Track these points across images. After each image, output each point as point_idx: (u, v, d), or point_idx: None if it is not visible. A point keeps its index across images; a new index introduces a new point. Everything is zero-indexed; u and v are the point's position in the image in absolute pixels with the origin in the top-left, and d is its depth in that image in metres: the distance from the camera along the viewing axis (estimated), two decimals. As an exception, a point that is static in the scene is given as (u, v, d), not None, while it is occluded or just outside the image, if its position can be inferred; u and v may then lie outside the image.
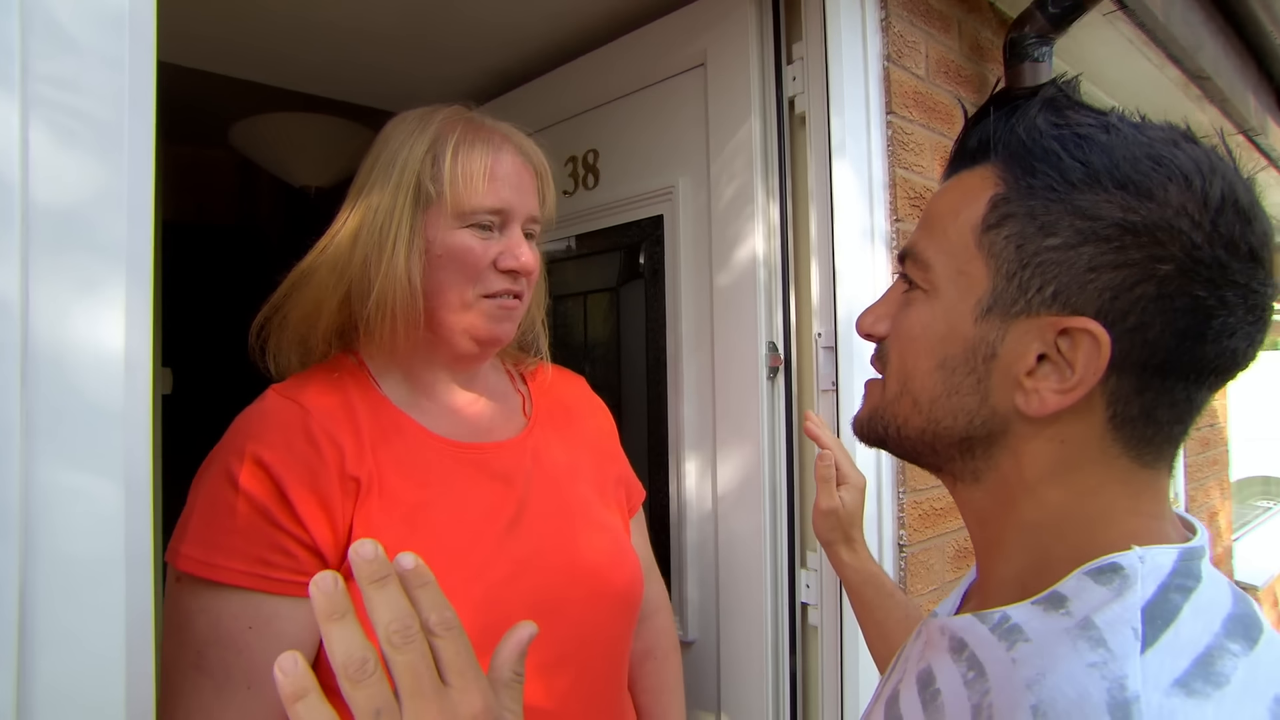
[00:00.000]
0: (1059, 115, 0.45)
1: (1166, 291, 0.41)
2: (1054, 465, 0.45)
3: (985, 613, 0.46)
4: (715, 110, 1.25)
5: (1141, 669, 0.36)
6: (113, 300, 0.50)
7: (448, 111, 0.82)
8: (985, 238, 0.45)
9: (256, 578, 0.69)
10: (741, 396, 1.20)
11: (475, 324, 0.80)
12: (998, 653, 0.43)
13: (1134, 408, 0.43)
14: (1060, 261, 0.43)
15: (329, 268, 0.80)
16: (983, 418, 0.46)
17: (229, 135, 1.93)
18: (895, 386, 0.50)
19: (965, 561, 1.28)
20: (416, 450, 0.79)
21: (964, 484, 0.50)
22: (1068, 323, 0.42)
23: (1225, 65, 1.80)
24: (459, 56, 1.55)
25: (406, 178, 0.78)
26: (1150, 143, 0.42)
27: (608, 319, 1.48)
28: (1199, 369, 0.43)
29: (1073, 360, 0.43)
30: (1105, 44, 1.54)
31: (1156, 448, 0.45)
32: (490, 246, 0.79)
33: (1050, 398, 0.43)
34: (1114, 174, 0.42)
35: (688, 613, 1.27)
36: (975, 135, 0.49)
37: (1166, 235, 0.41)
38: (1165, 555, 0.42)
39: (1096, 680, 0.36)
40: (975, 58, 1.35)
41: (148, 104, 0.53)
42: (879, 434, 0.52)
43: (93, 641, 0.48)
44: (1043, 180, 0.44)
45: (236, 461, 0.71)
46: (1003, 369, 0.45)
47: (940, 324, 0.48)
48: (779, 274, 1.20)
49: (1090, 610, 0.40)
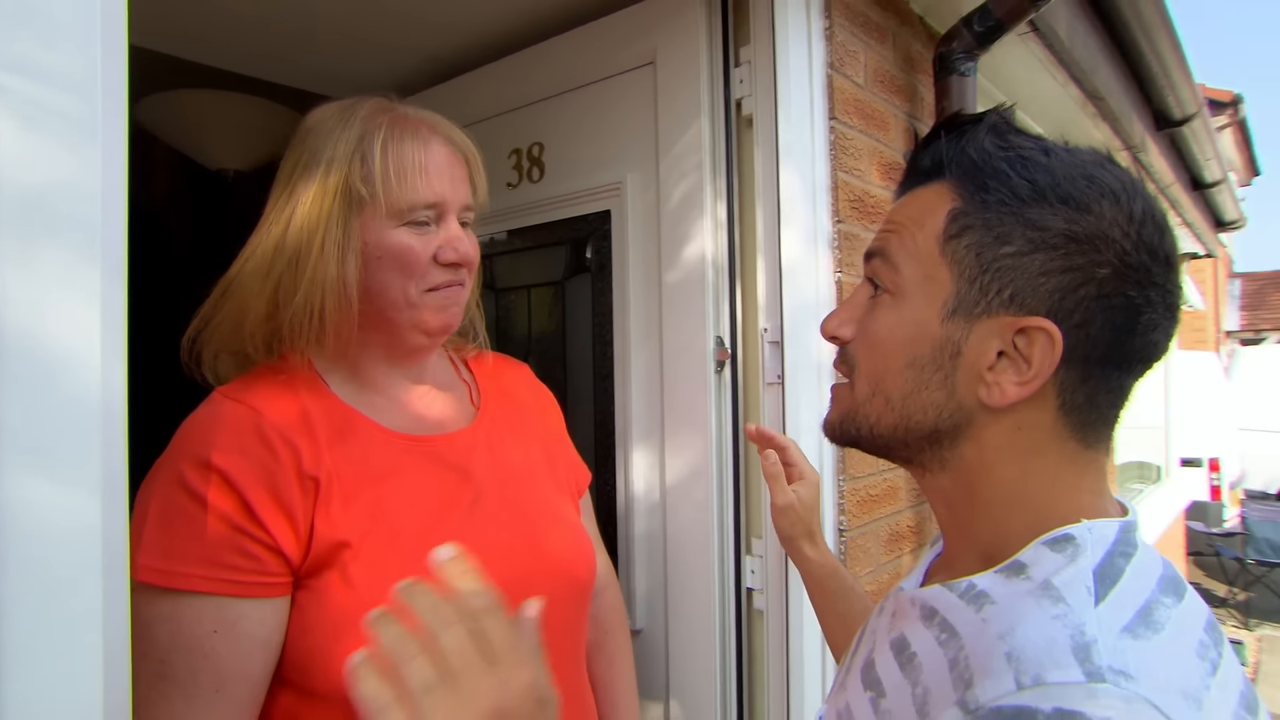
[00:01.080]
0: (1003, 139, 0.51)
1: (1105, 292, 0.47)
2: (1013, 450, 0.51)
3: (953, 582, 0.51)
4: (665, 109, 1.27)
5: (1096, 618, 0.42)
6: (88, 293, 0.47)
7: (370, 105, 0.81)
8: (948, 246, 0.51)
9: (219, 581, 0.68)
10: (690, 389, 1.23)
11: (423, 318, 0.80)
12: (968, 615, 0.48)
13: (1079, 395, 0.49)
14: (1015, 267, 0.48)
15: (255, 274, 0.77)
16: (950, 411, 0.51)
17: (136, 110, 1.80)
18: (866, 388, 0.55)
19: (898, 545, 1.36)
20: (371, 446, 0.79)
21: (931, 473, 0.55)
22: (1025, 322, 0.48)
23: (1116, 87, 1.97)
24: (395, 41, 1.50)
25: (334, 180, 0.76)
26: (1082, 164, 0.49)
27: (553, 312, 1.48)
28: (1130, 359, 0.49)
29: (1029, 355, 0.48)
30: (1018, 61, 1.66)
31: (1097, 431, 0.51)
32: (429, 241, 0.79)
33: (1011, 389, 0.49)
34: (1056, 190, 0.48)
35: (636, 602, 1.29)
36: (928, 155, 0.54)
37: (1103, 243, 0.47)
38: (1110, 527, 0.48)
39: (1060, 628, 0.42)
40: (907, 69, 1.43)
41: (120, 86, 0.50)
42: (852, 435, 0.57)
43: (69, 652, 0.46)
44: (995, 196, 0.49)
45: (190, 468, 0.70)
46: (967, 365, 0.50)
47: (909, 326, 0.52)
48: (726, 271, 1.23)
49: (1048, 574, 0.46)
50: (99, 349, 0.47)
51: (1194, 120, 2.58)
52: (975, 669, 0.43)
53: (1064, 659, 0.40)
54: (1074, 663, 0.40)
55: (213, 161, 1.88)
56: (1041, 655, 0.41)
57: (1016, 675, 0.40)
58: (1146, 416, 4.32)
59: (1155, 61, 2.16)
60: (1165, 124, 2.54)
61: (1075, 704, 0.38)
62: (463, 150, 0.84)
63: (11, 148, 0.44)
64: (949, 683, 0.45)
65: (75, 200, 0.47)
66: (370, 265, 0.78)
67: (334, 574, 0.71)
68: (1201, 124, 2.67)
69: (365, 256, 0.77)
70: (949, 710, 0.43)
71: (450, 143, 0.82)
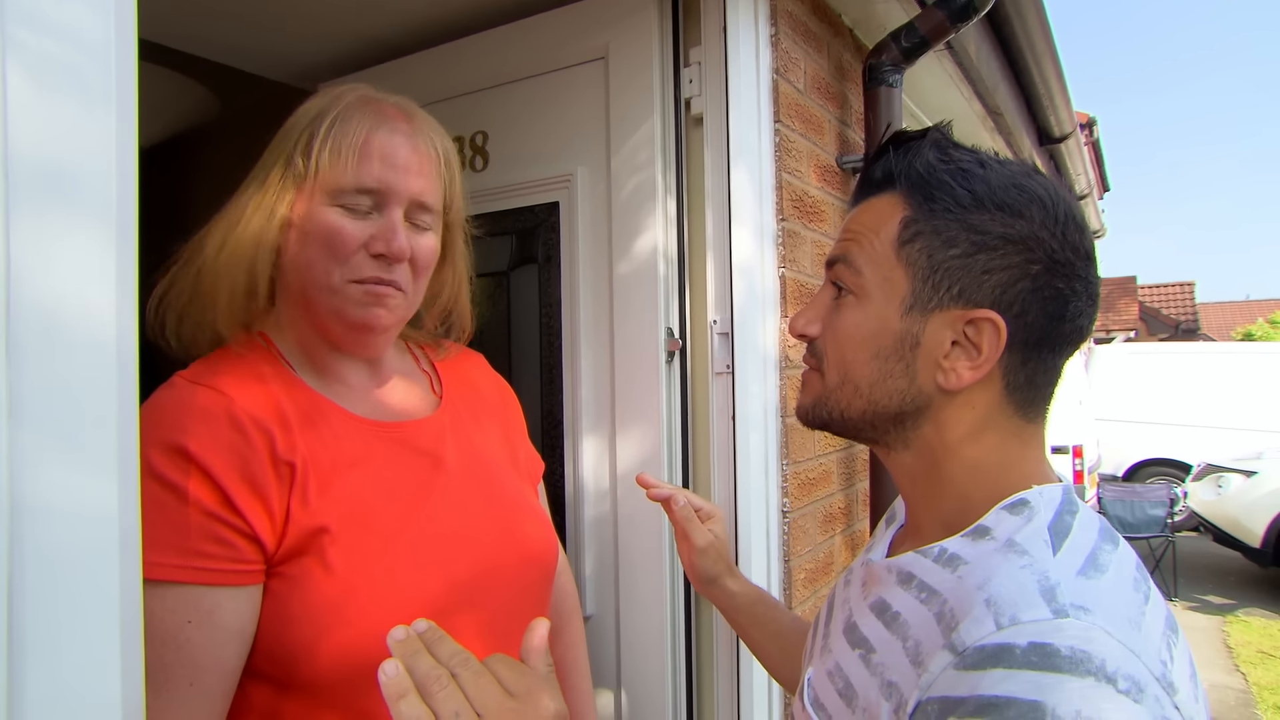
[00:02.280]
0: (944, 154, 0.57)
1: (1038, 285, 0.55)
2: (967, 427, 0.58)
3: (924, 549, 0.57)
4: (617, 105, 1.30)
5: (1056, 565, 0.50)
6: (102, 267, 0.45)
7: (351, 89, 0.80)
8: (902, 251, 0.57)
9: (193, 570, 0.66)
10: (641, 379, 1.27)
11: (342, 308, 0.76)
12: (944, 575, 0.54)
13: (1021, 376, 0.57)
14: (962, 267, 0.55)
15: (208, 237, 0.77)
16: (912, 395, 0.58)
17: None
18: (835, 377, 0.61)
19: (831, 525, 1.45)
20: (342, 432, 0.78)
21: (896, 451, 0.62)
22: (973, 314, 0.55)
23: (1012, 105, 2.17)
24: (330, 18, 1.45)
25: (283, 153, 0.76)
26: (1013, 175, 0.56)
27: (497, 303, 1.47)
28: (1061, 342, 0.57)
29: (978, 343, 0.56)
30: (931, 76, 1.80)
31: (1037, 407, 0.59)
32: (363, 228, 0.75)
33: (965, 373, 0.56)
34: (993, 199, 0.55)
35: (586, 588, 1.32)
36: (879, 168, 0.61)
37: (1035, 244, 0.55)
38: (1055, 491, 0.57)
39: (1028, 576, 0.49)
40: (839, 77, 1.52)
41: (131, 47, 0.48)
42: (823, 418, 0.63)
43: (87, 642, 0.44)
44: (941, 204, 0.56)
45: (159, 455, 0.67)
46: (925, 354, 0.57)
47: (873, 322, 0.59)
48: (676, 264, 1.28)
49: (1010, 533, 0.53)
50: (114, 324, 0.45)
51: (1070, 139, 2.86)
52: (959, 616, 0.49)
53: (1034, 600, 0.47)
54: (1043, 603, 0.46)
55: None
56: (1015, 598, 0.47)
57: (995, 617, 0.47)
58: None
59: (1042, 84, 2.39)
60: (1047, 140, 2.80)
61: (1046, 636, 0.44)
62: (433, 146, 0.81)
63: (21, 110, 0.42)
64: (937, 632, 0.51)
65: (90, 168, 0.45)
66: (300, 240, 0.76)
67: (312, 561, 0.70)
68: (1075, 142, 2.96)
69: (296, 230, 0.76)
70: (939, 653, 0.49)
71: (418, 135, 0.79)
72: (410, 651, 0.49)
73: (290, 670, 0.70)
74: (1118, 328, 12.19)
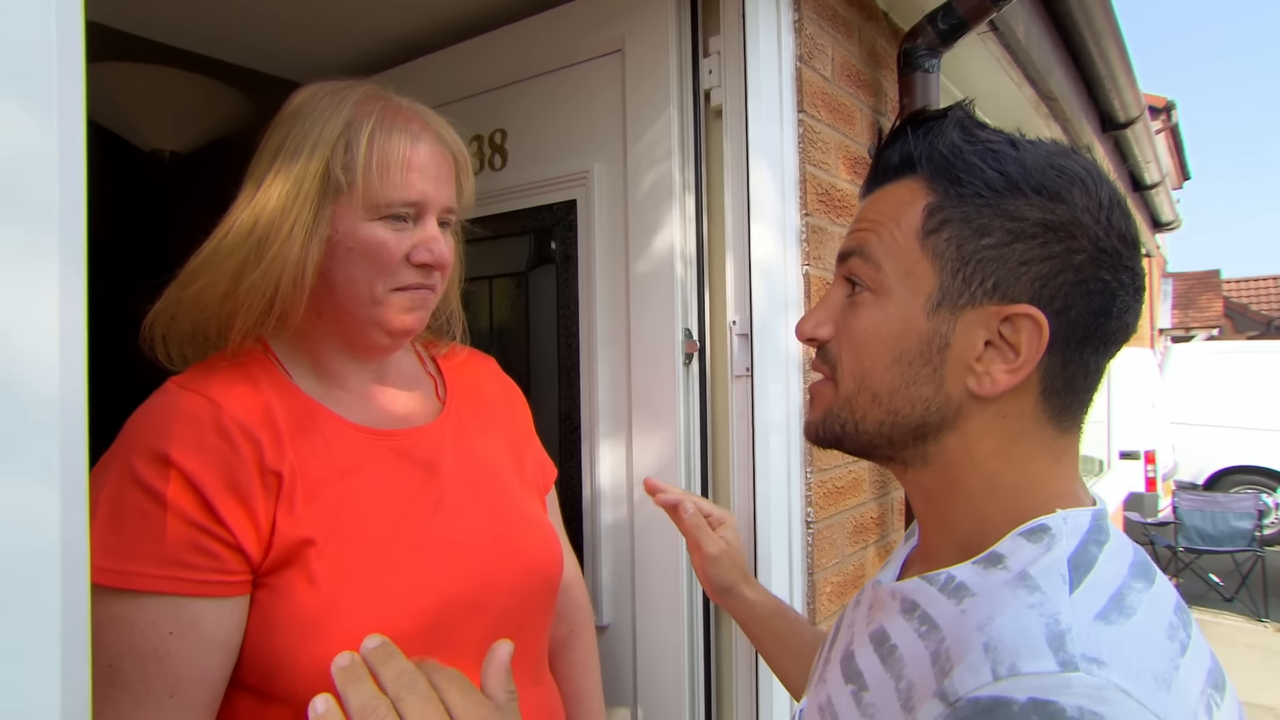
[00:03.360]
0: (969, 134, 0.52)
1: (1082, 277, 0.49)
2: (997, 440, 0.52)
3: (931, 574, 0.52)
4: (633, 98, 1.27)
5: (1070, 606, 0.44)
6: (45, 275, 0.44)
7: (363, 91, 0.79)
8: (928, 241, 0.52)
9: (175, 581, 0.65)
10: (658, 382, 1.24)
11: (386, 317, 0.78)
12: (948, 607, 0.49)
13: (1060, 380, 0.51)
14: (996, 258, 0.50)
15: (223, 251, 0.75)
16: (938, 404, 0.52)
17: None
18: (851, 384, 0.55)
19: (862, 536, 1.39)
20: (335, 440, 0.77)
21: (914, 468, 0.56)
22: (1010, 310, 0.49)
23: (1068, 89, 2.05)
24: (349, 17, 1.46)
25: (315, 164, 0.74)
26: (1049, 155, 0.51)
27: (515, 304, 1.46)
28: (1106, 340, 0.51)
29: (1015, 343, 0.50)
30: (976, 60, 1.71)
31: (1073, 414, 0.53)
32: (404, 239, 0.77)
33: (1001, 377, 0.50)
34: (1029, 181, 0.49)
35: (602, 596, 1.29)
36: (896, 152, 0.55)
37: (1078, 230, 0.49)
38: (1083, 516, 0.50)
39: (1035, 617, 0.43)
40: (872, 64, 1.46)
41: (77, 50, 0.47)
42: (835, 433, 0.56)
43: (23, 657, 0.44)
44: (970, 189, 0.50)
45: (142, 462, 0.67)
46: (955, 357, 0.51)
47: (894, 321, 0.53)
48: (694, 263, 1.24)
49: (1025, 564, 0.47)
50: (57, 338, 0.45)
51: (1136, 124, 2.70)
52: (954, 659, 0.44)
53: (1039, 648, 0.41)
54: (1048, 652, 0.41)
55: (148, 142, 1.79)
56: (1017, 644, 0.42)
57: (993, 665, 0.42)
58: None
59: (1103, 66, 2.26)
60: (1110, 126, 2.66)
61: (1049, 693, 0.39)
62: (452, 150, 0.82)
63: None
64: (931, 674, 0.46)
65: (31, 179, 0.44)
66: (339, 255, 0.76)
67: (297, 572, 0.69)
68: (1143, 127, 2.80)
69: (334, 245, 0.75)
70: (929, 701, 0.44)
71: (440, 141, 0.81)
72: (350, 679, 0.46)
73: (272, 682, 0.70)
74: (1199, 325, 11.53)
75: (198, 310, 0.76)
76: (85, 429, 0.47)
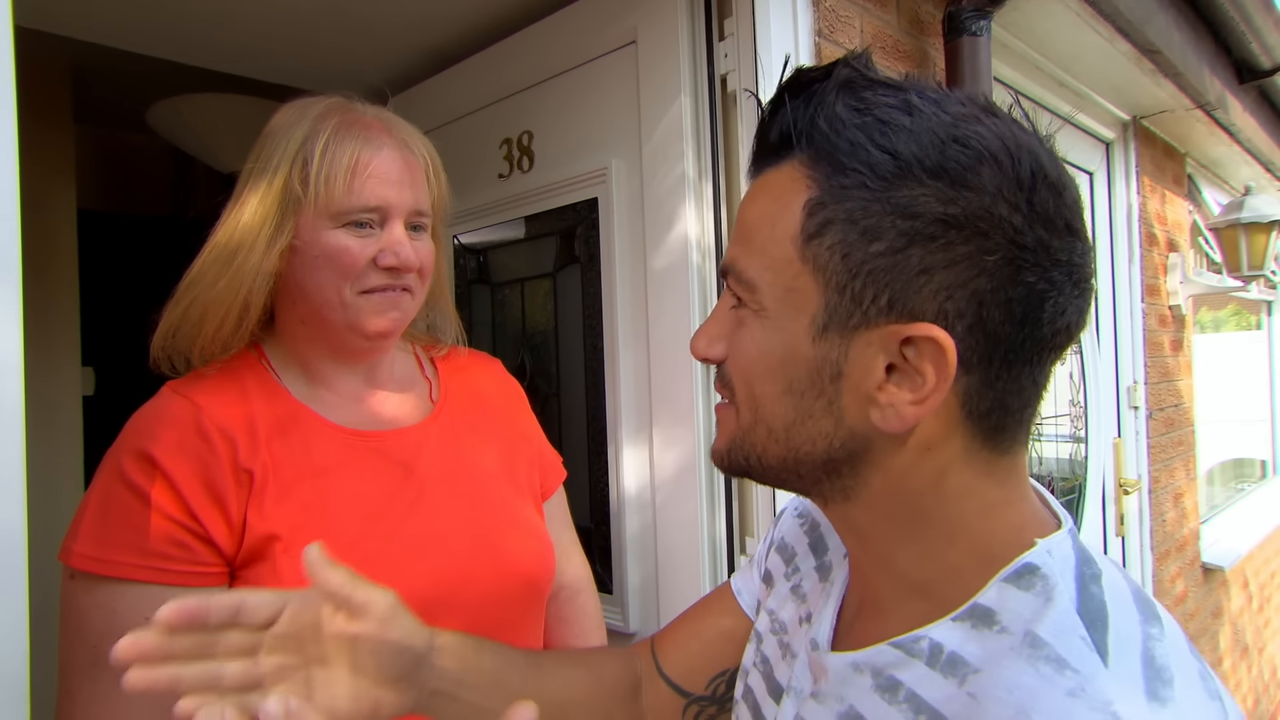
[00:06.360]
0: (857, 98, 0.43)
1: (997, 282, 0.41)
2: (924, 474, 0.46)
3: (902, 640, 0.46)
4: (646, 89, 1.28)
5: (1117, 689, 0.38)
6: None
7: (325, 105, 0.84)
8: (808, 249, 0.44)
9: (153, 570, 0.72)
10: (677, 382, 1.24)
11: (359, 320, 0.83)
12: (948, 690, 0.42)
13: (986, 401, 0.44)
14: (889, 267, 0.42)
15: (208, 268, 0.82)
16: (841, 439, 0.46)
17: (146, 117, 1.92)
18: (748, 416, 0.49)
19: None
20: (313, 440, 0.83)
21: (836, 504, 0.50)
22: (909, 330, 0.42)
23: (1177, 38, 1.86)
24: (387, 33, 1.55)
25: (278, 179, 0.80)
26: (954, 121, 0.42)
27: (545, 306, 1.51)
28: (1039, 350, 0.44)
29: (921, 368, 0.43)
30: (1051, 16, 1.59)
31: (1011, 434, 0.46)
32: (369, 244, 0.81)
33: (907, 410, 0.43)
34: (924, 162, 0.41)
35: (629, 603, 1.31)
36: (775, 127, 0.47)
37: (988, 224, 0.41)
38: (1064, 545, 0.45)
39: (1086, 713, 0.37)
40: (915, 32, 1.39)
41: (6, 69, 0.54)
42: (741, 465, 0.51)
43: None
44: (854, 178, 0.42)
45: (129, 460, 0.75)
46: (852, 387, 0.45)
47: (778, 347, 0.46)
48: (712, 255, 1.23)
49: (1027, 623, 0.42)
50: None
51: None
52: None
53: None
54: None
55: (224, 165, 1.99)
56: None
57: None
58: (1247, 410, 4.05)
59: (1232, 4, 2.03)
60: (1250, 75, 2.38)
61: None
62: (418, 154, 0.87)
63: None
64: None
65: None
66: (307, 264, 0.81)
67: (265, 566, 0.76)
68: (1297, 74, 2.48)
69: (301, 254, 0.81)
70: None
71: (404, 146, 0.85)
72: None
73: None
74: None
75: (190, 325, 0.84)
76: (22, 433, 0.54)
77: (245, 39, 1.54)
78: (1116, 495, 2.19)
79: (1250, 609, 3.23)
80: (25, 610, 0.54)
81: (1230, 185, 3.20)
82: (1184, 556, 2.55)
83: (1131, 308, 2.29)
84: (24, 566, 0.54)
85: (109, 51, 1.52)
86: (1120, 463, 2.21)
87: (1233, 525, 3.23)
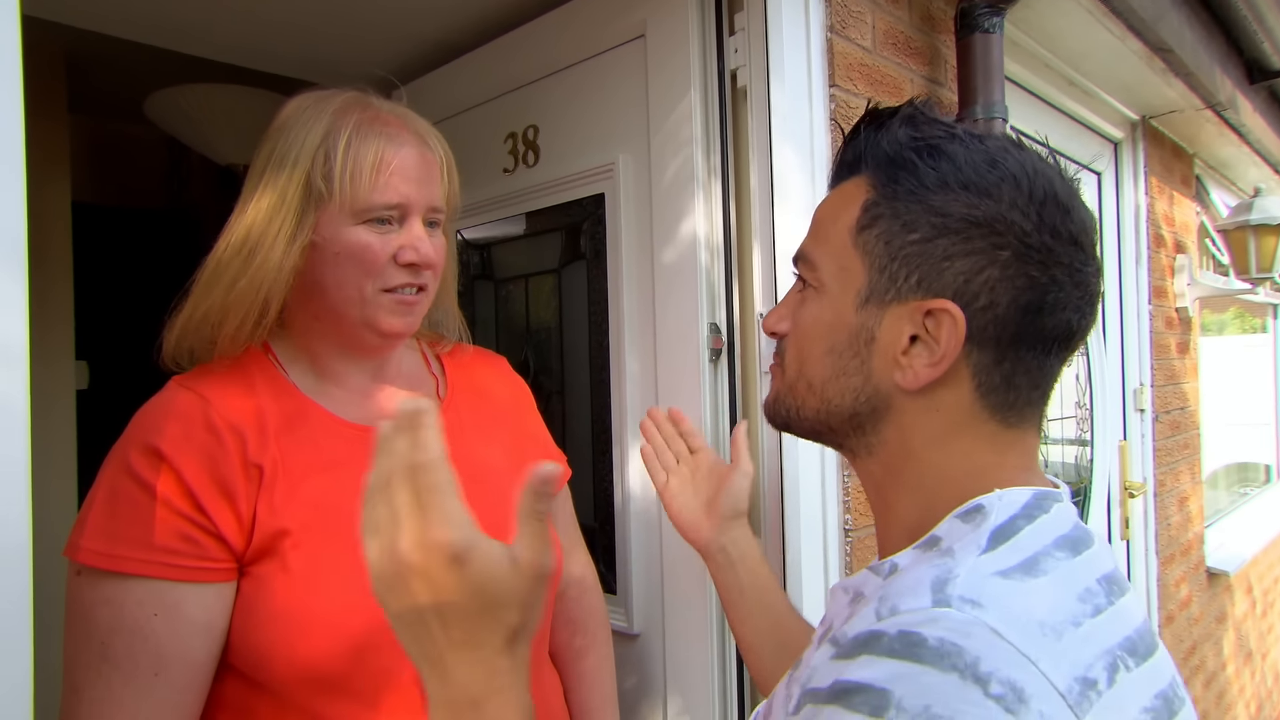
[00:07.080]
0: (916, 129, 0.56)
1: (1007, 274, 0.52)
2: (933, 432, 0.56)
3: (877, 564, 0.57)
4: (655, 84, 1.27)
5: (970, 565, 0.47)
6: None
7: (343, 99, 0.84)
8: (860, 237, 0.57)
9: (160, 565, 0.72)
10: (684, 379, 1.23)
11: (376, 318, 0.83)
12: (876, 586, 0.54)
13: (995, 376, 0.55)
14: (921, 253, 0.54)
15: (224, 267, 0.81)
16: (867, 394, 0.57)
17: (144, 107, 1.91)
18: (793, 372, 0.62)
19: (914, 547, 1.33)
20: (321, 435, 0.83)
21: (861, 459, 0.61)
22: (930, 305, 0.53)
23: (1188, 37, 1.86)
24: (389, 23, 1.55)
25: (297, 175, 0.80)
26: (988, 151, 0.54)
27: (550, 302, 1.50)
28: (1044, 339, 0.54)
29: (938, 336, 0.54)
30: (1063, 14, 1.59)
31: (1019, 411, 0.56)
32: (389, 241, 0.81)
33: (923, 371, 0.55)
34: (959, 177, 0.53)
35: (633, 604, 1.31)
36: (850, 150, 0.61)
37: (1003, 226, 0.52)
38: (1021, 494, 0.53)
39: (929, 571, 0.48)
40: (926, 29, 1.39)
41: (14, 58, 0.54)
42: (783, 417, 0.64)
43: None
44: (905, 185, 0.55)
45: (136, 454, 0.74)
46: (881, 350, 0.56)
47: (828, 314, 0.59)
48: (721, 253, 1.23)
49: (954, 541, 0.52)
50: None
51: (1295, 71, 2.40)
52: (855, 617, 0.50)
53: (921, 591, 0.46)
54: (928, 593, 0.46)
55: (222, 157, 1.98)
56: (904, 591, 0.47)
57: (878, 609, 0.47)
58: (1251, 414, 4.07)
59: (1244, 2, 2.03)
60: (1261, 75, 2.38)
61: (916, 626, 0.43)
62: (435, 150, 0.87)
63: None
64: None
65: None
66: (328, 261, 0.81)
67: (275, 562, 0.75)
68: (1306, 75, 2.49)
69: (322, 251, 0.81)
70: (823, 647, 0.49)
71: (423, 143, 0.85)
72: None
73: (256, 670, 0.76)
74: None
75: (209, 325, 0.83)
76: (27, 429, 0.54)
77: (245, 28, 1.53)
78: (1121, 498, 2.20)
79: (1254, 614, 3.24)
80: (29, 605, 0.54)
81: (1238, 187, 3.21)
82: (1189, 561, 2.55)
83: (1138, 309, 2.29)
84: (28, 561, 0.54)
85: (105, 39, 1.51)
86: (1125, 466, 2.22)
87: (1237, 530, 3.25)
